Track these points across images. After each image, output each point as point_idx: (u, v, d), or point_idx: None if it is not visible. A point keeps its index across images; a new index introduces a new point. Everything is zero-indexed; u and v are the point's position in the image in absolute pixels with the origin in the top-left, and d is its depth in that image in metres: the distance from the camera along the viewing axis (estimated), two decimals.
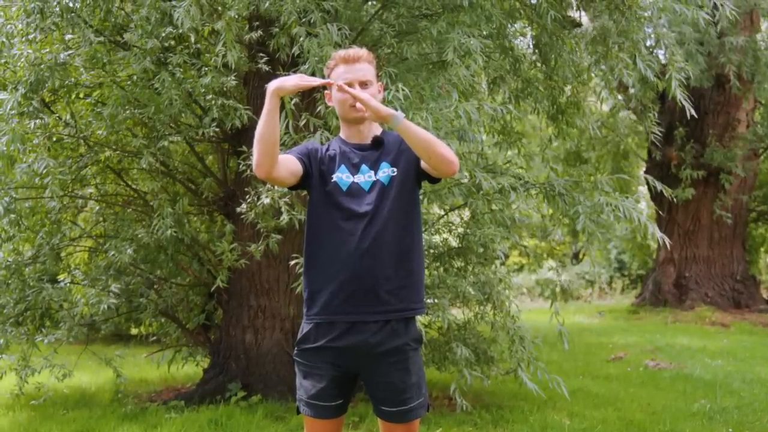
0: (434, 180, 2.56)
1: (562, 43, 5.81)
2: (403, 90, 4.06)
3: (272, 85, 2.34)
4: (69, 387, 6.34)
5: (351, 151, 2.54)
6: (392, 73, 4.49)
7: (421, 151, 2.38)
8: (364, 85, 2.48)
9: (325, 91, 2.61)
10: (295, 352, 2.55)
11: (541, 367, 5.06)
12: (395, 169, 2.50)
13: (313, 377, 2.48)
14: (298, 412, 2.55)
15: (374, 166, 2.51)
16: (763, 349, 8.62)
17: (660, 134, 6.44)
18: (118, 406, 5.62)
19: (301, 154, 2.52)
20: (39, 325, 6.02)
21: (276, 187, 4.70)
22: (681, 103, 4.91)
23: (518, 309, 5.47)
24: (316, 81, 2.42)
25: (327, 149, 2.58)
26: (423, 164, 2.46)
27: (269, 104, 2.33)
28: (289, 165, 2.47)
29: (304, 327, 2.53)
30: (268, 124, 2.33)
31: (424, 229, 6.00)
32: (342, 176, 2.50)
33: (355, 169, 2.51)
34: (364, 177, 2.49)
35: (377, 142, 2.55)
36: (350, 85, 2.47)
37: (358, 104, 2.44)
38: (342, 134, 2.62)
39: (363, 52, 2.53)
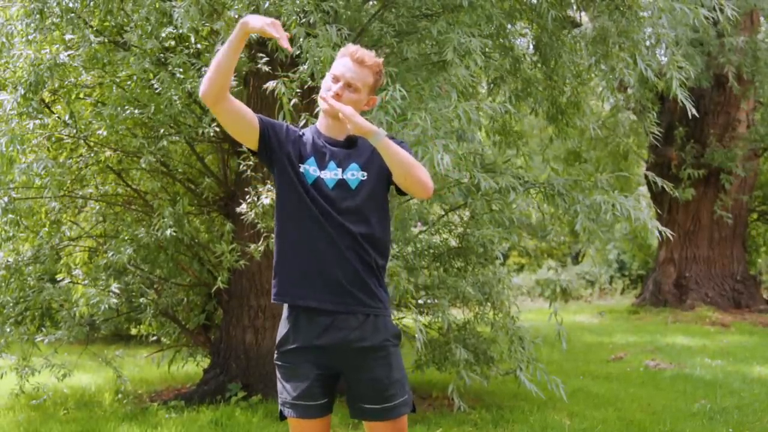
0: (403, 193, 2.54)
1: (562, 44, 5.81)
2: (400, 91, 4.06)
3: (244, 18, 2.35)
4: (69, 387, 6.34)
5: (323, 145, 2.52)
6: (392, 73, 4.49)
7: (398, 171, 2.39)
8: (349, 86, 2.47)
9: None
10: (276, 356, 2.54)
11: (540, 368, 5.06)
12: (365, 174, 2.49)
13: (296, 378, 2.47)
14: (282, 418, 2.54)
15: (342, 165, 2.49)
16: (763, 349, 8.61)
17: (659, 134, 6.43)
18: (119, 406, 5.62)
19: (268, 122, 2.51)
20: (39, 325, 6.02)
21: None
22: (682, 102, 4.90)
23: (518, 309, 5.47)
24: (280, 36, 2.35)
25: (302, 135, 2.56)
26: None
27: (234, 34, 2.35)
28: (241, 110, 2.46)
29: (282, 329, 2.53)
30: (226, 54, 2.36)
31: (425, 229, 6.01)
32: (309, 169, 2.48)
33: (322, 164, 2.49)
34: (330, 174, 2.48)
35: (350, 141, 2.54)
36: (338, 78, 2.48)
37: (327, 106, 2.44)
38: (318, 124, 2.60)
39: (372, 59, 2.51)
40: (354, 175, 2.48)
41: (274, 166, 2.52)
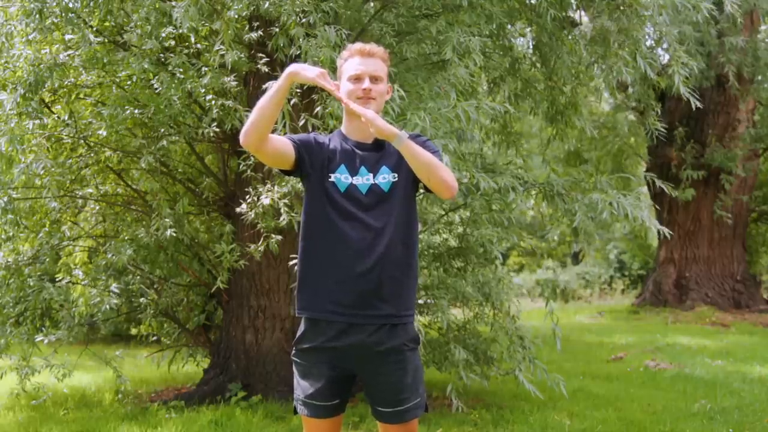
0: (430, 190, 2.55)
1: (562, 44, 5.80)
2: (399, 91, 4.06)
3: (291, 68, 2.37)
4: (69, 387, 6.34)
5: (352, 150, 2.52)
6: (391, 73, 4.49)
7: (422, 172, 2.39)
8: (374, 80, 2.48)
9: (334, 82, 2.60)
10: (293, 352, 2.55)
11: (541, 367, 5.06)
12: (396, 175, 2.49)
13: (310, 377, 2.49)
14: (296, 412, 2.55)
15: (373, 169, 2.49)
16: (763, 349, 8.61)
17: (665, 131, 6.42)
18: (119, 407, 5.62)
19: (300, 142, 2.51)
20: (39, 325, 6.01)
21: (276, 188, 4.70)
22: (686, 96, 4.88)
23: (518, 309, 5.47)
24: (331, 86, 2.42)
25: (329, 144, 2.56)
26: None
27: (281, 83, 2.37)
28: (279, 146, 2.46)
29: (302, 327, 2.53)
30: (271, 100, 2.36)
31: (424, 229, 6.01)
32: (341, 177, 2.48)
33: (354, 170, 2.49)
34: (362, 179, 2.48)
35: (378, 143, 2.53)
36: (360, 77, 2.47)
37: (363, 97, 2.46)
38: (343, 128, 2.59)
39: (379, 49, 2.54)
40: (386, 178, 2.48)
41: (304, 181, 2.54)
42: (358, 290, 2.42)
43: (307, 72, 2.38)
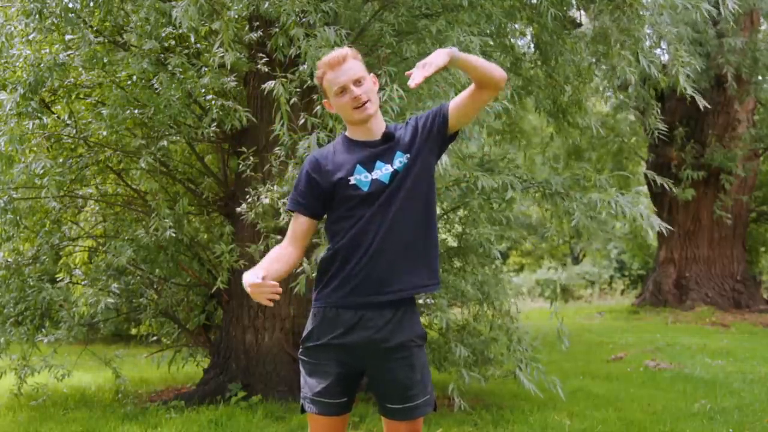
0: (452, 138, 2.61)
1: (563, 43, 5.80)
2: (398, 90, 4.06)
3: (244, 281, 2.36)
4: (69, 387, 6.34)
5: (362, 150, 2.52)
6: (391, 72, 4.49)
7: (478, 73, 2.45)
8: (358, 83, 2.47)
9: (324, 100, 2.58)
10: (300, 350, 2.55)
11: (538, 369, 5.06)
12: (408, 155, 2.50)
13: (318, 374, 2.48)
14: (303, 411, 2.55)
15: (389, 159, 2.50)
16: (763, 349, 8.61)
17: (665, 130, 6.40)
18: (119, 407, 5.62)
19: (311, 207, 2.53)
20: (39, 325, 6.01)
21: (276, 188, 4.70)
22: (689, 97, 4.88)
23: (517, 309, 5.46)
24: (272, 289, 2.32)
25: (334, 152, 2.55)
26: (447, 127, 2.53)
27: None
28: (307, 236, 2.55)
29: (308, 325, 2.53)
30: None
31: None
32: (360, 177, 2.48)
33: (370, 167, 2.49)
34: (382, 171, 2.48)
35: (387, 137, 2.54)
36: (345, 88, 2.46)
37: (358, 105, 2.46)
38: (348, 133, 2.59)
39: (346, 51, 2.51)
40: (401, 161, 2.50)
41: (330, 207, 2.56)
42: (374, 273, 2.43)
43: (249, 289, 2.35)
